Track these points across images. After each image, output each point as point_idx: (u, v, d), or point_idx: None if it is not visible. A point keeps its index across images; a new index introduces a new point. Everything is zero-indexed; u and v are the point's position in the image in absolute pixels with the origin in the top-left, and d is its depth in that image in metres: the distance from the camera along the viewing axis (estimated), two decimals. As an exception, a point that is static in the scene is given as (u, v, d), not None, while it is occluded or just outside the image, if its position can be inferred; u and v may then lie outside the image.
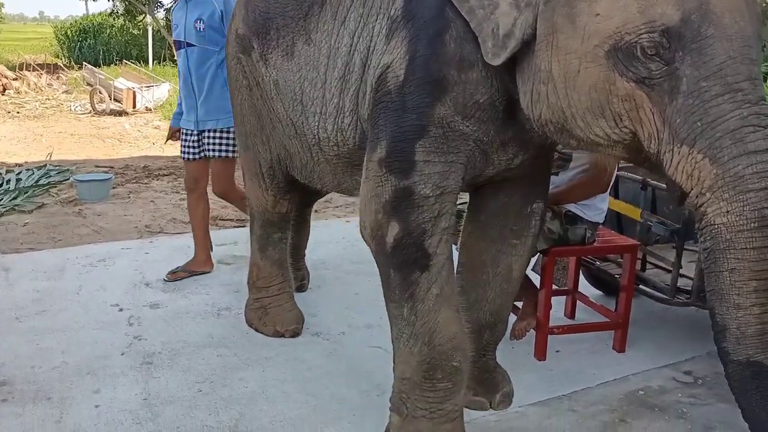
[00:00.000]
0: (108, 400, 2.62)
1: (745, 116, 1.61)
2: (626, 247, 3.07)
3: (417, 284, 2.09)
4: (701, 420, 2.61)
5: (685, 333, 3.36)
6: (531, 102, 1.91)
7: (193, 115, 3.75)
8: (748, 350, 1.66)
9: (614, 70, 1.71)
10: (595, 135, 1.82)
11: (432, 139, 2.06)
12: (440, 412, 2.18)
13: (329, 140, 2.50)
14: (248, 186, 3.27)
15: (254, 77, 2.86)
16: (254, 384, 2.78)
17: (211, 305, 3.59)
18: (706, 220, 1.68)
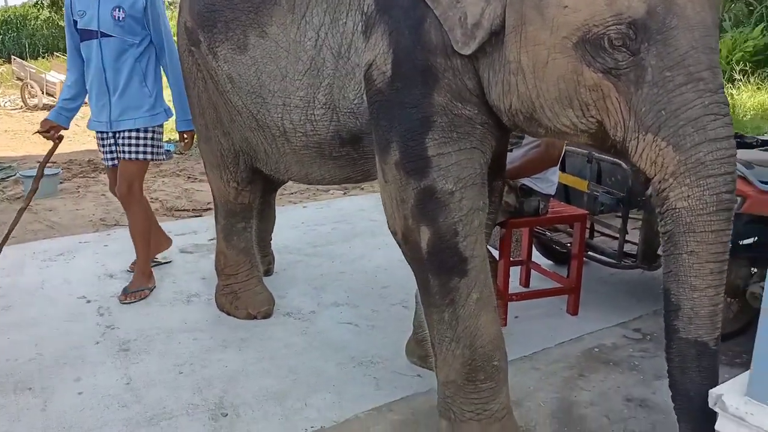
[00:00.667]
0: (90, 387, 2.67)
1: (707, 105, 1.65)
2: (576, 216, 3.29)
3: (457, 290, 2.07)
4: (651, 371, 2.86)
5: (632, 294, 3.63)
6: (502, 93, 1.92)
7: (105, 114, 3.38)
8: (698, 330, 1.74)
9: (582, 61, 1.74)
10: (562, 124, 1.86)
11: (439, 129, 2.02)
12: (487, 412, 2.15)
13: (296, 131, 2.51)
14: (210, 177, 3.31)
15: (206, 70, 2.86)
16: (234, 364, 2.87)
17: (180, 293, 3.63)
18: (667, 204, 1.73)
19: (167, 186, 6.25)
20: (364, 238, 4.49)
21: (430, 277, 2.10)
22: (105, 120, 3.39)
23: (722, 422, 1.70)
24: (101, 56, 3.31)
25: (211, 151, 3.17)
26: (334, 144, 2.46)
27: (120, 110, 3.36)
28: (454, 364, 2.13)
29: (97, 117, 3.43)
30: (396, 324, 3.22)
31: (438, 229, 2.05)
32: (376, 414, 2.50)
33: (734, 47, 10.92)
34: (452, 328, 2.10)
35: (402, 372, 2.81)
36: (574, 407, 2.56)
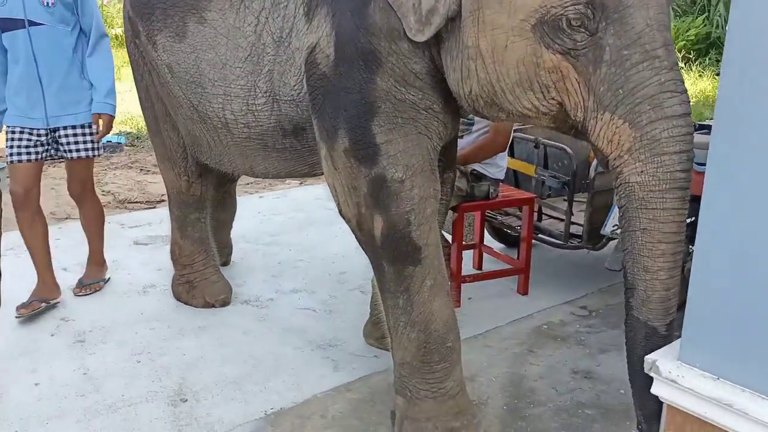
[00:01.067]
0: (47, 377, 2.66)
1: (663, 82, 1.66)
2: (524, 200, 3.40)
3: (411, 278, 2.10)
4: (597, 345, 3.00)
5: (579, 274, 3.78)
6: (461, 78, 1.92)
7: (39, 110, 3.09)
8: (649, 314, 1.78)
9: (541, 43, 1.74)
10: (524, 107, 1.86)
11: (384, 115, 2.01)
12: (441, 390, 2.20)
13: (237, 122, 2.47)
14: (162, 169, 3.31)
15: (149, 61, 2.81)
16: (192, 351, 2.89)
17: (135, 284, 3.62)
18: (621, 179, 1.74)
19: (119, 179, 6.16)
20: (321, 226, 4.54)
21: (384, 264, 2.14)
22: (40, 116, 3.10)
23: (657, 386, 1.82)
24: (31, 47, 3.00)
25: (162, 144, 3.15)
26: (276, 135, 2.44)
27: (59, 105, 3.10)
28: (410, 347, 2.19)
29: (28, 113, 3.10)
30: (353, 308, 3.29)
31: (390, 219, 2.07)
32: (334, 394, 2.57)
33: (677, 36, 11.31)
34: (407, 313, 2.15)
35: (360, 353, 2.88)
36: (524, 381, 2.68)
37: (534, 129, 3.69)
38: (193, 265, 3.35)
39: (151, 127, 3.21)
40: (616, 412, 2.45)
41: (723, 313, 1.67)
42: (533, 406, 2.50)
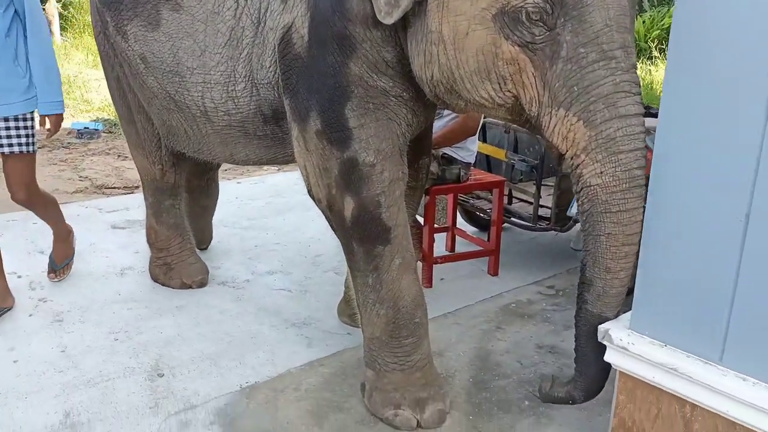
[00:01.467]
0: (25, 355, 2.71)
1: (618, 83, 1.69)
2: (494, 182, 3.50)
3: (381, 257, 2.16)
4: (562, 322, 3.12)
5: (547, 256, 3.89)
6: (424, 63, 1.94)
7: None
8: (603, 307, 1.87)
9: (500, 33, 1.76)
10: (480, 97, 1.89)
11: (357, 99, 2.05)
12: (409, 363, 2.28)
13: (217, 110, 2.46)
14: (135, 157, 3.31)
15: (120, 53, 2.76)
16: (169, 330, 2.96)
17: (113, 266, 3.67)
18: (582, 182, 1.78)
19: (97, 164, 6.17)
20: (298, 211, 4.61)
21: (354, 244, 2.20)
22: None
23: (609, 353, 1.93)
24: None
25: (135, 132, 3.15)
26: (257, 122, 2.45)
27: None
28: (378, 322, 2.27)
29: None
30: (328, 289, 3.37)
31: (361, 201, 2.12)
32: (308, 368, 2.65)
33: (652, 25, 11.48)
34: (376, 291, 2.22)
35: (333, 331, 2.97)
36: (490, 355, 2.78)
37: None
38: (169, 248, 3.40)
39: (123, 116, 3.18)
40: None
41: (670, 286, 1.79)
42: (498, 378, 2.60)
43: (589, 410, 2.40)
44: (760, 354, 1.64)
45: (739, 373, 1.68)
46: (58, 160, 6.26)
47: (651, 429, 1.91)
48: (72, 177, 5.69)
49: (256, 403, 2.42)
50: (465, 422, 2.32)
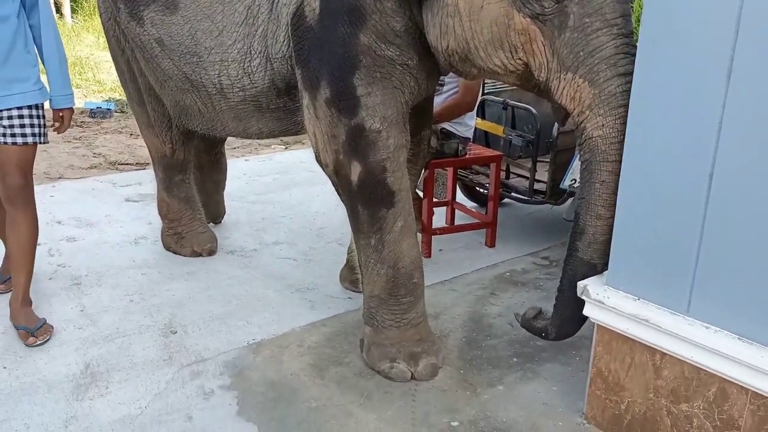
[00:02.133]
0: (46, 313, 2.89)
1: (618, 45, 1.88)
2: (492, 157, 3.64)
3: (384, 220, 2.29)
4: (553, 289, 3.20)
5: (542, 229, 4.04)
6: (440, 34, 2.07)
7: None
8: (593, 254, 2.05)
9: (513, 6, 1.92)
10: (494, 65, 2.04)
11: (365, 69, 2.15)
12: (405, 320, 2.44)
13: (233, 86, 2.57)
14: (145, 135, 3.44)
15: (131, 39, 2.84)
16: (181, 293, 3.13)
17: (127, 235, 3.84)
18: (585, 135, 1.95)
19: (110, 142, 6.34)
20: (304, 186, 4.76)
21: (359, 207, 2.34)
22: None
23: (588, 308, 2.09)
24: None
25: (145, 113, 3.28)
26: (271, 95, 2.57)
27: (3, 83, 2.57)
28: (379, 281, 2.42)
29: None
30: (331, 258, 3.54)
31: (368, 166, 2.24)
32: (310, 328, 2.82)
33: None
34: (378, 251, 2.37)
35: (335, 296, 3.14)
36: (483, 318, 2.94)
37: (503, 92, 3.92)
38: (180, 219, 3.56)
39: (133, 98, 3.31)
40: (563, 344, 2.71)
41: (643, 244, 1.94)
42: (489, 338, 2.76)
43: (573, 366, 2.57)
44: (723, 304, 1.79)
45: (704, 323, 1.83)
46: (72, 138, 6.43)
47: (625, 377, 2.07)
48: (86, 154, 5.86)
49: (262, 357, 2.59)
50: (456, 375, 2.49)
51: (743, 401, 1.80)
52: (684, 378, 1.92)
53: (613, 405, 2.13)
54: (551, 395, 2.39)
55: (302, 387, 2.40)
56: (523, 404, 2.33)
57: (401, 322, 2.47)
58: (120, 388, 2.38)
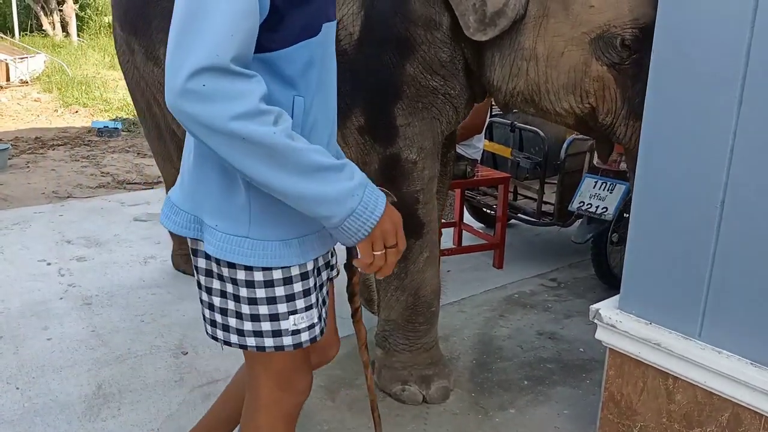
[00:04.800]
0: (58, 334, 2.91)
1: None
2: (500, 179, 3.67)
3: (410, 249, 2.24)
4: (563, 311, 3.28)
5: (550, 250, 4.05)
6: (508, 75, 2.07)
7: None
8: None
9: (593, 54, 1.96)
10: (561, 108, 2.07)
11: (407, 99, 2.10)
12: (418, 345, 2.45)
13: None
14: (162, 167, 3.43)
15: (148, 81, 2.74)
16: (191, 313, 3.15)
17: (136, 255, 3.87)
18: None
19: (117, 161, 6.40)
20: (311, 206, 4.78)
21: None
22: None
23: (600, 331, 2.10)
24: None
25: (164, 146, 3.25)
26: None
27: None
28: (397, 307, 2.41)
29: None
30: (340, 279, 3.53)
31: (401, 197, 2.16)
32: (320, 349, 2.82)
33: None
34: (400, 279, 2.34)
35: (345, 317, 3.10)
36: (493, 340, 2.95)
37: (510, 114, 3.96)
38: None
39: (151, 133, 3.26)
40: (574, 367, 2.73)
41: (655, 269, 1.95)
42: (500, 361, 2.77)
43: (583, 389, 2.57)
44: (734, 329, 1.80)
45: (716, 347, 1.84)
46: (80, 156, 6.50)
47: (638, 401, 2.08)
48: (94, 173, 5.91)
49: (273, 378, 2.60)
50: (467, 398, 2.49)
51: (757, 427, 1.80)
52: (697, 403, 1.93)
53: (625, 429, 2.13)
54: (563, 419, 2.39)
55: (313, 409, 2.41)
56: (534, 428, 2.34)
57: (414, 346, 2.48)
58: (132, 410, 2.38)
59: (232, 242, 1.27)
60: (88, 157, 6.50)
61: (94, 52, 13.77)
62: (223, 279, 1.34)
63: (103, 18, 16.63)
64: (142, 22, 2.48)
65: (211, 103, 1.07)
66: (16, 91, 11.47)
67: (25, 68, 12.56)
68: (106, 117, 8.49)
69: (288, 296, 1.33)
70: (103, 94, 9.72)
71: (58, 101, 9.68)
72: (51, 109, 9.26)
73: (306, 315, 1.37)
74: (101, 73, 11.71)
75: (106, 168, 6.07)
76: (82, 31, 16.35)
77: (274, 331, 1.35)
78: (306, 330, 1.37)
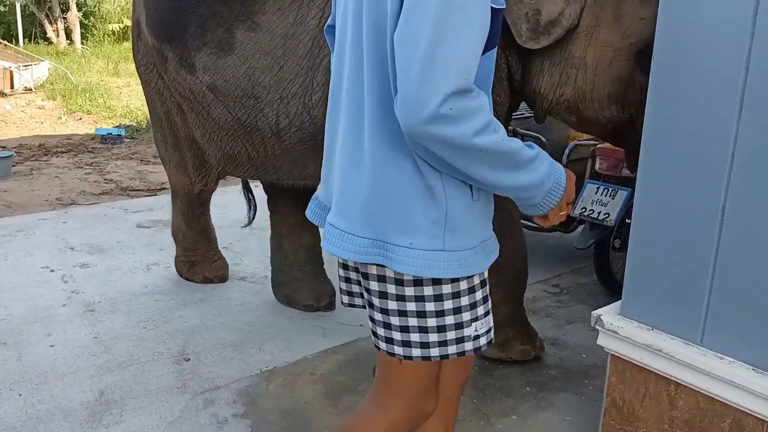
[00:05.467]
0: (61, 341, 2.91)
1: None
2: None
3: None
4: (565, 317, 3.28)
5: (553, 257, 4.06)
6: (557, 83, 2.10)
7: None
8: None
9: (638, 65, 2.00)
10: (603, 116, 2.11)
11: None
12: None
13: (291, 125, 2.44)
14: (172, 173, 3.28)
15: (179, 93, 2.68)
16: (193, 319, 3.15)
17: (139, 262, 3.88)
18: None
19: (121, 168, 6.43)
20: (313, 212, 4.79)
21: None
22: None
23: (602, 337, 2.10)
24: None
25: (180, 157, 3.12)
26: None
27: None
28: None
29: None
30: (342, 285, 3.55)
31: None
32: (323, 355, 2.83)
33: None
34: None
35: (347, 323, 3.15)
36: (495, 346, 2.94)
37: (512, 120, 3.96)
38: (195, 249, 3.55)
39: (168, 141, 3.13)
40: (576, 373, 2.73)
41: (656, 274, 1.95)
42: (502, 366, 2.76)
43: (586, 395, 2.56)
44: (736, 335, 1.80)
45: (717, 353, 1.84)
46: (84, 164, 6.53)
47: (640, 407, 2.07)
48: (98, 180, 5.94)
49: (275, 385, 2.60)
50: (470, 404, 2.49)
51: (759, 432, 1.80)
52: (699, 409, 1.92)
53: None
54: (565, 425, 2.39)
55: (316, 416, 2.41)
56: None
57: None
58: (134, 416, 2.39)
59: (429, 257, 1.29)
60: (91, 164, 6.53)
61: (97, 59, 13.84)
62: (404, 299, 1.36)
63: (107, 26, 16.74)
64: (177, 31, 2.46)
65: (457, 124, 1.14)
66: (20, 99, 11.55)
67: (29, 76, 12.65)
68: (109, 124, 8.53)
69: (471, 304, 1.39)
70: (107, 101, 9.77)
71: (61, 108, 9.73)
72: (55, 117, 9.31)
73: (485, 321, 1.44)
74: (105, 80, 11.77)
75: (109, 175, 6.10)
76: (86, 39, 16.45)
77: (457, 339, 1.39)
78: (484, 335, 1.44)
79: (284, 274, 3.34)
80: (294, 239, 3.33)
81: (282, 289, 3.35)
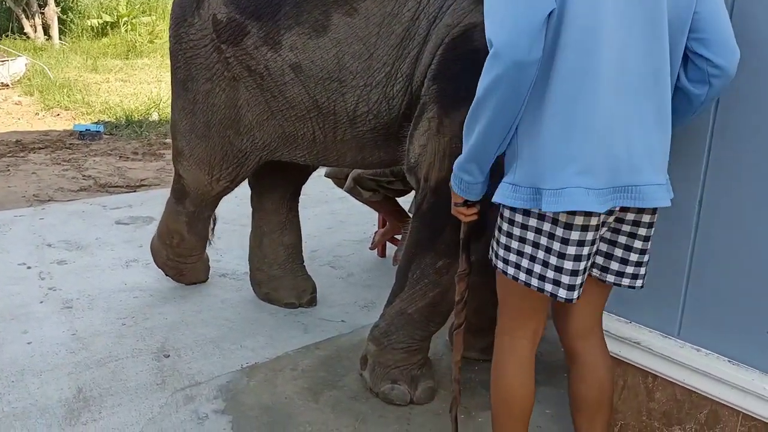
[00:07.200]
0: (38, 338, 2.88)
1: None
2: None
3: (466, 248, 2.17)
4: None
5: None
6: None
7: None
8: None
9: None
10: None
11: None
12: (416, 345, 2.46)
13: (368, 113, 2.44)
14: (191, 171, 3.01)
15: (247, 67, 2.59)
16: (173, 316, 3.13)
17: (118, 258, 3.84)
18: None
19: (99, 164, 6.34)
20: (295, 209, 4.77)
21: (447, 228, 2.23)
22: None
23: (581, 331, 2.11)
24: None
25: (206, 148, 2.88)
26: (401, 122, 2.44)
27: None
28: (421, 302, 2.39)
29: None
30: (324, 281, 3.55)
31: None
32: (304, 351, 2.83)
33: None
34: (440, 274, 2.33)
35: (329, 319, 3.15)
36: (476, 341, 2.96)
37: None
38: (191, 256, 3.36)
39: (196, 130, 2.87)
40: (556, 367, 2.74)
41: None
42: (482, 361, 2.77)
43: (565, 389, 2.55)
44: (712, 327, 1.83)
45: (694, 345, 1.87)
46: (62, 160, 6.43)
47: (618, 399, 2.10)
48: (76, 176, 5.86)
49: (256, 381, 2.59)
50: (450, 398, 2.49)
51: (734, 423, 1.83)
52: (676, 401, 1.95)
53: (606, 427, 2.15)
54: (545, 418, 2.41)
55: (297, 411, 2.41)
56: (517, 427, 2.34)
57: (413, 346, 2.49)
58: (113, 413, 2.37)
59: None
60: (69, 160, 6.43)
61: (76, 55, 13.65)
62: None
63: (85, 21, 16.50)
64: (269, 8, 2.47)
65: None
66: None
67: (5, 71, 12.42)
68: (88, 120, 8.40)
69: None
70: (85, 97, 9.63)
71: (39, 104, 9.58)
72: (32, 113, 9.16)
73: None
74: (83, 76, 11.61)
75: (87, 171, 6.01)
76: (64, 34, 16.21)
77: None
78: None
79: (263, 272, 3.33)
80: (275, 237, 3.32)
81: (262, 287, 3.33)
